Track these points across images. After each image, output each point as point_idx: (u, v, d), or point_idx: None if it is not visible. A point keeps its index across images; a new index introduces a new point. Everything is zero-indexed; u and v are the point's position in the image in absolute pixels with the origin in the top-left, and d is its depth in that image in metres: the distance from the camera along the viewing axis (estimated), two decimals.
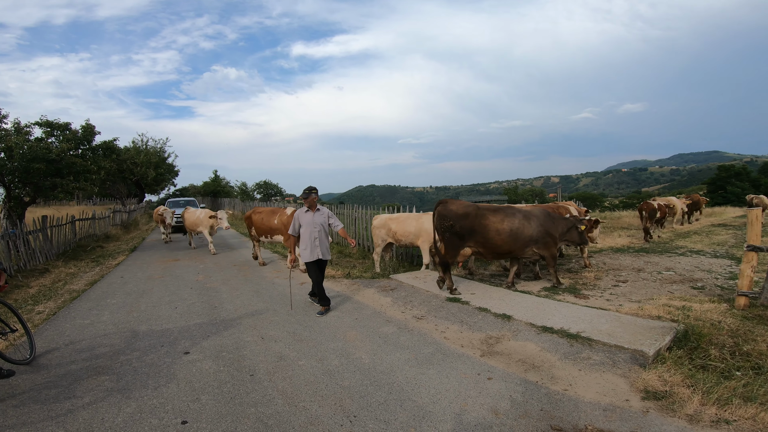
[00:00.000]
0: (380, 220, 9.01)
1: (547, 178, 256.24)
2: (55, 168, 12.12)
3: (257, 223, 9.72)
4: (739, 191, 46.65)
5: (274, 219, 9.41)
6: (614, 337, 4.48)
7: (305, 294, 6.66)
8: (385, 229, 8.78)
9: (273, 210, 9.80)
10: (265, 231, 9.59)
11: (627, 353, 4.17)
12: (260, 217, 9.71)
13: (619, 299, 6.22)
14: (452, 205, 6.29)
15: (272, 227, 9.40)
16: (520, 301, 5.83)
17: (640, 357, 4.10)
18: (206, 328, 5.29)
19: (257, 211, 10.02)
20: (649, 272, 8.12)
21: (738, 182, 50.33)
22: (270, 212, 9.70)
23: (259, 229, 9.68)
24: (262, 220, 9.62)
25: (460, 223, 6.10)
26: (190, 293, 7.15)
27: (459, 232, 6.12)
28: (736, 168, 55.14)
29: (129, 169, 31.92)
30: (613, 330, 4.65)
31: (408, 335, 4.79)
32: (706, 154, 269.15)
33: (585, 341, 4.43)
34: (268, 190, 42.97)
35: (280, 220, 9.25)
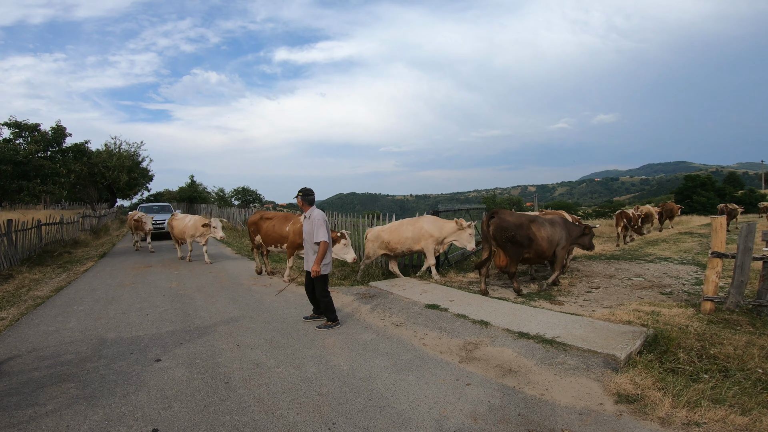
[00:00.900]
0: (373, 233, 8.77)
1: (524, 188, 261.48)
2: (21, 170, 11.69)
3: (266, 230, 8.65)
4: (705, 200, 48.62)
5: (286, 226, 8.42)
6: (588, 342, 4.57)
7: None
8: (378, 242, 8.60)
9: (286, 216, 8.82)
10: (276, 240, 8.53)
11: (600, 358, 4.27)
12: (271, 224, 8.64)
13: (592, 305, 6.36)
14: (509, 216, 6.70)
15: (283, 235, 8.41)
16: (498, 307, 5.90)
17: (612, 361, 4.19)
18: (179, 335, 5.14)
19: (266, 216, 8.98)
20: (620, 279, 8.35)
21: (703, 192, 52.44)
22: (283, 218, 8.69)
23: (268, 237, 8.61)
24: (274, 228, 8.55)
25: (519, 233, 6.56)
26: (163, 300, 6.95)
27: (520, 242, 6.56)
28: (702, 178, 57.48)
29: (100, 173, 31.06)
30: (587, 335, 4.75)
31: (387, 342, 4.78)
32: (674, 164, 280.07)
33: (560, 346, 4.50)
34: (246, 197, 42.36)
35: (293, 228, 8.27)
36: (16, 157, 10.65)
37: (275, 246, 8.62)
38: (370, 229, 9.06)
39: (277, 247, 8.62)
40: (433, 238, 8.24)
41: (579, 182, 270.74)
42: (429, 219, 8.57)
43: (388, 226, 8.83)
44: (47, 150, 13.13)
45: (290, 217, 8.73)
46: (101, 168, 30.91)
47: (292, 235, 8.19)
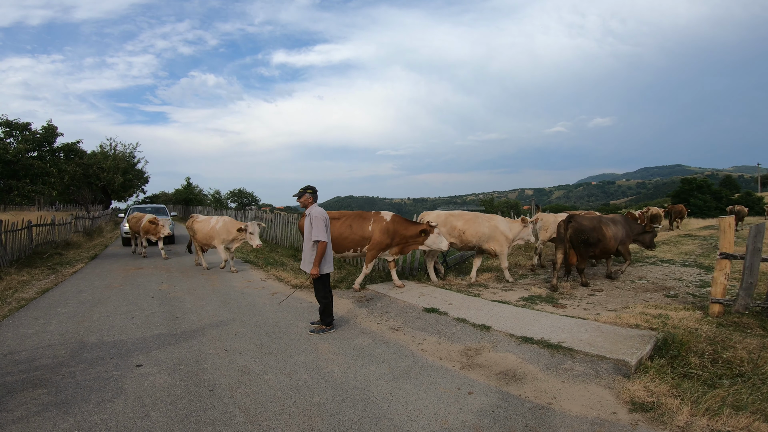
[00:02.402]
0: (439, 217, 7.98)
1: (521, 191, 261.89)
2: (11, 170, 11.38)
3: (340, 233, 7.26)
4: (702, 203, 48.65)
5: (368, 225, 7.23)
6: (595, 346, 4.34)
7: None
8: (447, 227, 7.88)
9: (360, 214, 7.53)
10: (355, 243, 7.21)
11: (609, 363, 4.04)
12: (345, 225, 7.31)
13: (596, 308, 6.14)
14: (585, 221, 7.43)
15: (365, 236, 7.18)
16: (499, 311, 5.66)
17: (622, 367, 3.97)
18: (164, 339, 4.87)
19: (330, 216, 7.18)
20: (623, 281, 8.13)
21: (700, 195, 52.45)
22: (356, 217, 7.43)
23: (344, 240, 7.22)
24: (351, 229, 7.25)
25: (592, 235, 7.28)
26: (151, 303, 6.68)
27: (591, 242, 7.29)
28: (698, 181, 57.55)
29: (95, 174, 30.69)
30: (594, 339, 4.53)
31: (384, 347, 4.53)
32: (670, 168, 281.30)
33: (566, 351, 4.27)
34: (242, 199, 42.06)
35: (378, 227, 7.15)
36: (5, 156, 10.34)
37: (353, 251, 7.36)
38: (427, 213, 8.44)
39: (355, 252, 7.37)
40: (507, 240, 7.92)
41: (576, 186, 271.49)
42: (501, 218, 8.23)
43: (461, 213, 8.24)
44: (38, 149, 12.82)
45: (364, 214, 7.52)
46: (96, 169, 30.55)
47: (378, 234, 7.12)
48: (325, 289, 5.10)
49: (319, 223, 4.98)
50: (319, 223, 4.98)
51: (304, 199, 5.22)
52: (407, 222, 7.25)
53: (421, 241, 7.13)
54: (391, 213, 7.43)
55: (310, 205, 5.23)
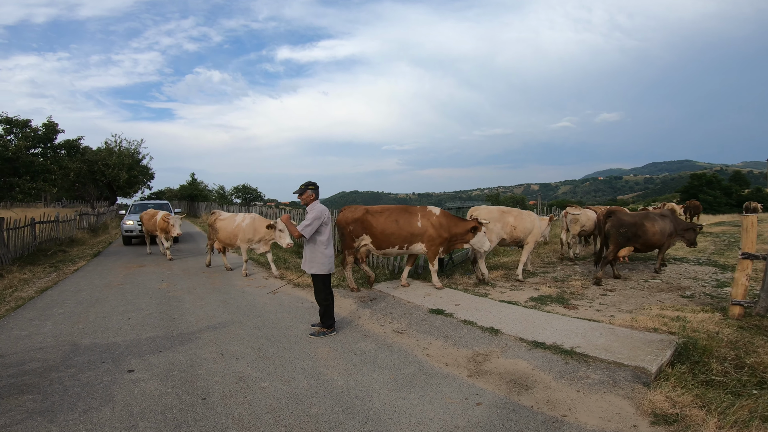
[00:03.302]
0: (491, 213, 7.84)
1: (527, 186, 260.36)
2: (11, 167, 11.25)
3: (384, 228, 6.73)
4: (711, 199, 47.94)
5: (416, 221, 6.78)
6: (612, 352, 4.11)
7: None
8: (501, 223, 7.78)
9: (405, 208, 7.03)
10: (403, 239, 6.74)
11: (628, 371, 3.80)
12: (392, 220, 6.75)
13: (609, 309, 5.89)
14: (625, 216, 7.68)
15: (415, 233, 6.75)
16: (508, 312, 5.43)
17: (642, 374, 3.74)
18: (159, 342, 4.69)
19: (373, 210, 6.95)
20: (636, 280, 7.87)
21: (710, 190, 51.73)
22: (402, 211, 6.94)
23: (391, 236, 6.73)
24: (398, 224, 6.73)
25: (633, 230, 7.50)
26: (149, 303, 6.51)
27: (630, 236, 7.51)
28: (708, 176, 56.75)
29: (100, 171, 30.69)
30: (610, 344, 4.29)
31: (387, 352, 4.31)
32: (678, 163, 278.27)
33: (581, 358, 4.04)
34: (246, 194, 41.95)
35: (428, 222, 6.76)
36: (5, 153, 10.21)
37: (398, 247, 6.83)
38: (478, 207, 8.24)
39: (401, 249, 6.86)
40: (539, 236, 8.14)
41: (582, 181, 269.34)
42: (535, 214, 8.33)
43: (507, 209, 8.22)
44: (38, 146, 12.69)
45: (409, 209, 7.01)
46: (101, 166, 30.56)
47: (432, 230, 6.71)
48: (325, 290, 4.89)
49: (313, 218, 4.79)
50: (313, 218, 4.79)
51: (305, 195, 4.96)
52: (456, 218, 6.98)
53: (468, 239, 6.87)
54: (438, 208, 7.08)
55: (312, 202, 4.97)
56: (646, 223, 7.71)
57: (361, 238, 6.86)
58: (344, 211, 7.09)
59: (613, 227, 7.60)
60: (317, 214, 4.80)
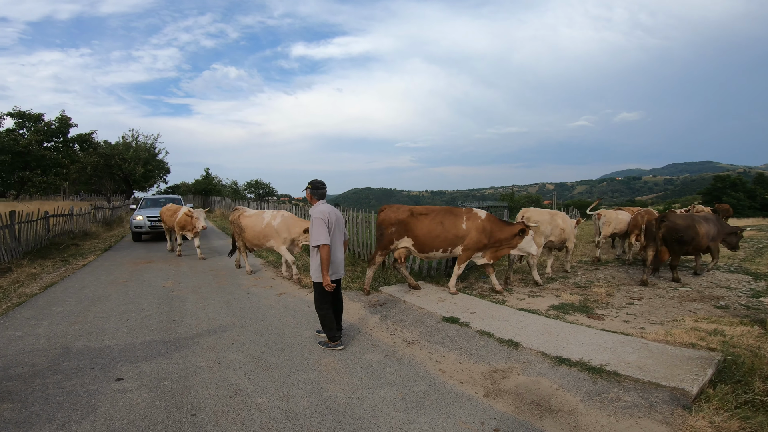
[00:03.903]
0: (541, 214, 7.70)
1: (542, 185, 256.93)
2: (22, 161, 11.18)
3: (429, 230, 6.36)
4: (735, 202, 46.41)
5: (461, 223, 6.39)
6: (646, 371, 3.70)
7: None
8: (551, 225, 7.69)
9: (450, 210, 6.64)
10: (448, 242, 6.38)
11: (665, 392, 3.40)
12: (437, 222, 6.37)
13: (638, 321, 5.45)
14: (680, 220, 7.58)
15: (459, 235, 6.37)
16: (528, 323, 5.02)
17: (681, 396, 3.33)
18: (155, 347, 4.43)
19: (418, 211, 6.55)
20: (664, 288, 7.38)
21: (734, 193, 50.11)
22: (447, 213, 6.54)
23: (435, 239, 6.36)
24: (443, 226, 6.36)
25: (687, 233, 7.43)
26: (151, 302, 6.27)
27: (686, 240, 7.44)
28: (732, 178, 55.02)
29: (117, 165, 31.01)
30: (643, 362, 3.88)
31: (396, 366, 3.95)
32: (700, 164, 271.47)
33: (611, 377, 3.64)
34: (259, 190, 42.00)
35: (473, 225, 6.38)
36: (15, 147, 10.15)
37: (442, 251, 6.46)
38: (527, 210, 7.96)
39: (444, 252, 6.49)
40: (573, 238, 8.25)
41: (599, 181, 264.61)
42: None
43: (555, 211, 8.22)
44: (51, 140, 12.67)
45: (455, 210, 6.64)
46: (118, 160, 30.88)
47: (474, 233, 6.34)
48: (322, 299, 4.35)
49: (317, 224, 4.24)
50: (317, 224, 4.24)
51: (306, 195, 4.59)
52: (502, 222, 6.64)
53: (515, 243, 6.53)
54: (484, 211, 6.71)
55: (314, 203, 4.53)
56: (698, 226, 7.70)
57: (401, 240, 6.52)
58: (386, 211, 6.67)
59: (668, 232, 7.55)
60: (318, 217, 4.27)
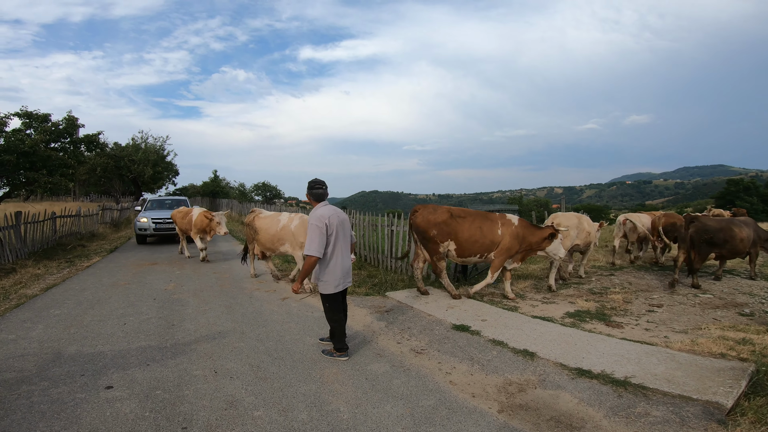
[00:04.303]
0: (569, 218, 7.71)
1: (550, 189, 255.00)
2: (28, 161, 11.10)
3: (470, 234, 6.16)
4: (749, 206, 45.53)
5: (497, 228, 6.26)
6: (675, 383, 3.43)
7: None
8: (578, 230, 7.75)
9: (485, 215, 6.48)
10: (485, 247, 6.23)
11: (697, 406, 3.13)
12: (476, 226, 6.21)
13: (660, 329, 5.15)
14: (710, 222, 7.56)
15: (495, 241, 6.23)
16: (544, 331, 4.74)
17: (715, 410, 3.08)
18: (150, 353, 4.21)
19: (456, 214, 6.35)
20: (684, 294, 7.05)
21: (747, 197, 49.19)
22: (483, 218, 6.38)
23: (474, 244, 6.19)
24: (481, 231, 6.20)
25: (717, 235, 7.33)
26: (151, 306, 6.08)
27: (716, 243, 7.34)
28: (745, 182, 54.08)
29: (126, 166, 31.11)
30: (671, 373, 3.60)
31: (404, 377, 3.69)
32: (711, 168, 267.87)
33: (638, 390, 3.36)
34: (266, 192, 41.97)
35: (508, 231, 6.28)
36: (21, 147, 10.11)
37: (479, 256, 6.31)
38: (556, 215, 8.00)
39: (481, 258, 6.35)
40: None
41: (609, 185, 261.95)
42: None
43: (578, 214, 8.18)
44: (58, 141, 12.68)
45: (489, 215, 6.52)
46: (127, 161, 30.96)
47: (508, 239, 6.22)
48: (332, 309, 4.06)
49: (311, 230, 3.87)
50: (311, 230, 3.87)
51: (306, 197, 4.20)
52: (533, 226, 6.55)
53: (544, 246, 6.44)
54: (516, 216, 6.65)
55: (314, 206, 4.12)
56: (734, 228, 7.58)
57: (444, 243, 6.25)
58: (422, 212, 6.38)
59: (696, 233, 7.47)
60: (313, 223, 3.87)
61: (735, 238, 7.49)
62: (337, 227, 3.97)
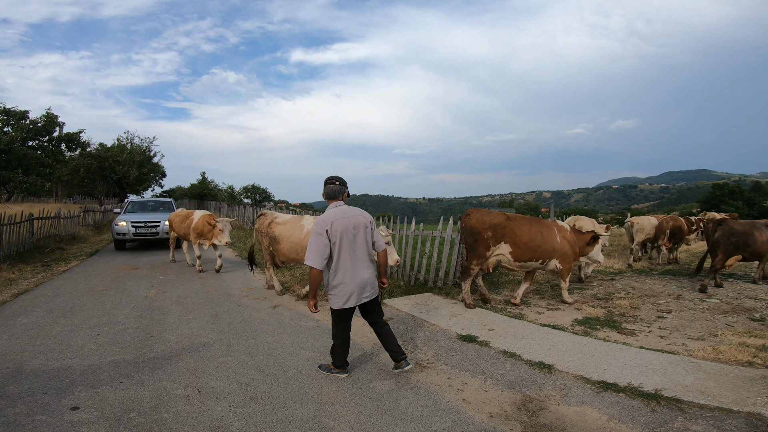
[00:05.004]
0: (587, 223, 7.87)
1: (539, 193, 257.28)
2: (3, 159, 10.50)
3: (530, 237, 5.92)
4: (733, 210, 46.27)
5: (556, 235, 6.08)
6: (710, 394, 3.14)
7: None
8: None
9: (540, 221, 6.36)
10: (547, 254, 6.03)
11: (739, 419, 2.85)
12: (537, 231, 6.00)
13: (675, 336, 4.87)
14: (736, 225, 7.78)
15: (555, 248, 6.06)
16: (556, 341, 4.41)
17: (758, 422, 2.83)
18: (124, 368, 3.78)
19: (513, 218, 6.13)
20: (690, 299, 6.81)
21: (732, 201, 50.02)
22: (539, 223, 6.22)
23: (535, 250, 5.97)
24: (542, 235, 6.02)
25: (743, 239, 7.55)
26: (128, 314, 5.62)
27: (740, 245, 7.54)
28: (730, 186, 55.00)
29: (110, 167, 30.29)
30: (702, 384, 3.30)
31: (411, 396, 3.31)
32: (696, 173, 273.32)
33: (671, 403, 3.05)
34: (255, 195, 41.28)
35: (563, 236, 6.17)
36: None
37: (540, 262, 6.06)
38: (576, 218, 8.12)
39: (542, 264, 6.10)
40: None
41: (596, 189, 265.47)
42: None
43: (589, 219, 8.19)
44: (36, 138, 12.05)
45: (543, 221, 6.36)
46: (111, 162, 30.18)
47: (567, 245, 6.10)
48: (337, 325, 3.62)
49: (311, 239, 3.43)
50: (311, 239, 3.43)
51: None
52: (578, 232, 6.60)
53: (587, 252, 6.49)
54: (566, 224, 6.60)
55: (331, 203, 3.62)
56: (755, 232, 7.76)
57: (498, 246, 5.94)
58: (476, 215, 6.10)
59: (723, 236, 7.70)
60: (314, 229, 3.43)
61: (757, 242, 7.67)
62: (341, 234, 3.42)
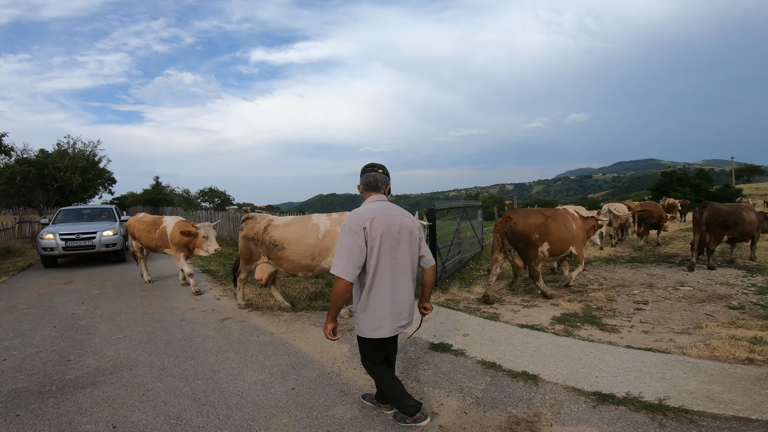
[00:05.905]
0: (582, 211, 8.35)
1: (502, 186, 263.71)
2: None
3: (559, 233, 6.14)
4: (682, 196, 48.69)
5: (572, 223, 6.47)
6: (720, 401, 2.77)
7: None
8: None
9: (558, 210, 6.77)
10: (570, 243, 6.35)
11: (760, 428, 2.47)
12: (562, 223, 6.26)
13: (659, 330, 4.59)
14: (721, 206, 8.15)
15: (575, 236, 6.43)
16: (538, 345, 3.97)
17: None
18: (25, 398, 3.01)
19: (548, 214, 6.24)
20: (664, 288, 6.66)
21: (680, 187, 52.63)
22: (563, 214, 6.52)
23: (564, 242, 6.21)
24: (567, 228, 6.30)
25: (729, 218, 7.91)
26: (46, 336, 4.76)
27: (728, 225, 7.89)
28: (678, 174, 57.91)
29: (50, 174, 28.20)
30: (708, 388, 2.94)
31: (378, 425, 2.71)
32: (644, 162, 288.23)
33: (681, 415, 2.65)
34: (214, 198, 39.50)
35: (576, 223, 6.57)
36: None
37: (565, 252, 6.37)
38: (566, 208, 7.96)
39: (568, 254, 6.51)
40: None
41: (555, 180, 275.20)
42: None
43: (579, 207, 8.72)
44: None
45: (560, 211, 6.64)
46: (51, 169, 28.10)
47: (580, 231, 6.54)
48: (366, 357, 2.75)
49: (341, 237, 2.57)
50: (341, 237, 2.57)
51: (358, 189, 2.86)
52: (583, 217, 6.99)
53: (590, 235, 7.06)
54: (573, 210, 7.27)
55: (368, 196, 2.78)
56: (743, 212, 8.19)
57: (543, 244, 6.07)
58: (519, 218, 6.01)
59: (710, 216, 7.98)
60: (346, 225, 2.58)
61: (744, 221, 8.04)
62: (382, 236, 2.54)
